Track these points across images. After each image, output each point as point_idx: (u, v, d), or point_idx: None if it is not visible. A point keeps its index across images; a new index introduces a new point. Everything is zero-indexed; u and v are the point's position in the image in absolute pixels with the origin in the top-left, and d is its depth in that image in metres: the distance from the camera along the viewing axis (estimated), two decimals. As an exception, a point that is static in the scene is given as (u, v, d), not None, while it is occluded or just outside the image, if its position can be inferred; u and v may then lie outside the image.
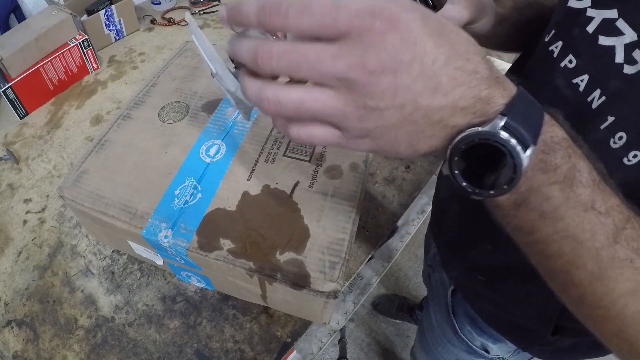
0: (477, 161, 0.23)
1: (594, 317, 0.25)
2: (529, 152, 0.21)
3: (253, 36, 0.31)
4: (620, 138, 0.27)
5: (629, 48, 0.27)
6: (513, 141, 0.21)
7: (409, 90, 0.20)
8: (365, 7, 0.20)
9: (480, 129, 0.21)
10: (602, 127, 0.29)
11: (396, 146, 0.23)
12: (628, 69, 0.27)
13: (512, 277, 0.42)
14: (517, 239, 0.26)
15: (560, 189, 0.22)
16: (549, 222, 0.23)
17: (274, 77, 0.24)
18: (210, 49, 0.33)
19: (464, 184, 0.23)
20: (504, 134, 0.21)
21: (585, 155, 0.23)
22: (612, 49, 0.28)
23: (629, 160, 0.27)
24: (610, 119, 0.28)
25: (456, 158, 0.22)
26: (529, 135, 0.21)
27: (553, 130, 0.23)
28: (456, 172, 0.23)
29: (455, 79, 0.21)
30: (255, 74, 0.24)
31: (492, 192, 0.22)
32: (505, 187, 0.22)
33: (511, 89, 0.22)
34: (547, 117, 0.23)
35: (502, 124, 0.21)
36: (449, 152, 0.22)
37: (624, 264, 0.23)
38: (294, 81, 0.24)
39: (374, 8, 0.20)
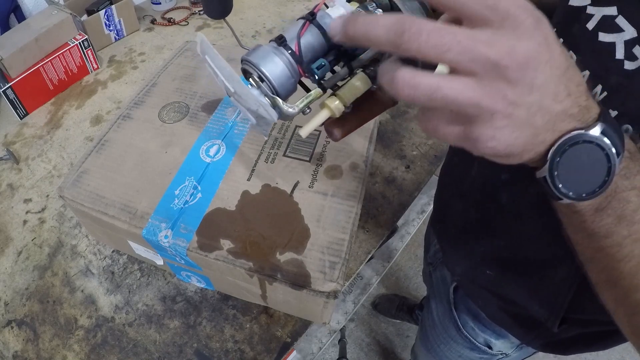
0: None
1: None
2: (620, 157, 0.23)
3: (268, 51, 0.30)
4: (627, 130, 0.28)
5: (629, 44, 0.28)
6: (611, 145, 0.23)
7: (541, 89, 0.21)
8: (520, 2, 0.21)
9: (584, 131, 0.23)
10: None
11: (513, 147, 0.23)
12: (629, 65, 0.28)
13: (524, 270, 0.43)
14: (588, 245, 0.27)
15: (638, 195, 0.24)
16: (624, 225, 0.24)
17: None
18: (228, 68, 0.32)
19: (560, 185, 0.24)
20: (604, 138, 0.23)
21: None
22: (612, 45, 0.29)
23: None
24: (614, 113, 0.29)
25: (558, 159, 0.23)
26: (619, 141, 0.23)
27: (630, 142, 0.25)
28: (556, 173, 0.24)
29: (568, 88, 0.22)
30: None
31: (584, 195, 0.24)
32: (597, 189, 0.23)
33: (597, 102, 0.24)
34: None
35: (600, 129, 0.23)
36: (552, 152, 0.23)
37: None
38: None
39: (527, 5, 0.21)
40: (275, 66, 0.31)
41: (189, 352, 0.51)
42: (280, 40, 0.32)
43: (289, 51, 0.31)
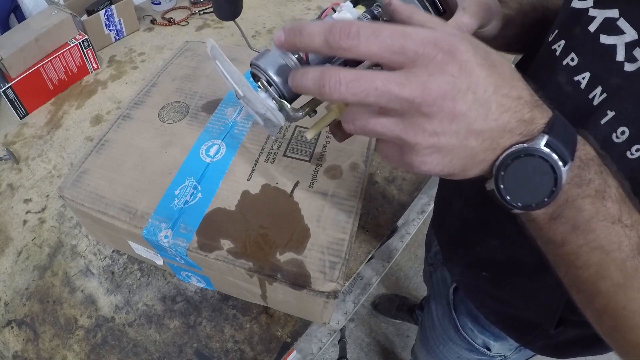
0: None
1: (616, 327, 0.26)
2: (567, 166, 0.23)
3: (276, 56, 0.31)
4: (623, 133, 0.28)
5: (630, 47, 0.28)
6: (555, 156, 0.23)
7: (465, 116, 0.22)
8: (430, 38, 0.22)
9: (526, 144, 0.23)
10: (602, 122, 0.30)
11: (450, 168, 0.24)
12: (628, 67, 0.28)
13: (518, 271, 0.43)
14: (548, 251, 0.27)
15: (592, 203, 0.24)
16: (580, 234, 0.24)
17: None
18: (237, 73, 0.33)
19: (508, 197, 0.24)
20: (546, 150, 0.23)
21: (613, 173, 0.25)
22: (613, 47, 0.29)
23: (631, 154, 0.28)
24: (610, 113, 0.29)
25: (502, 173, 0.24)
26: (568, 151, 0.23)
27: (586, 149, 0.25)
28: (502, 186, 0.24)
29: (503, 105, 0.23)
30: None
31: (533, 206, 0.24)
32: (545, 199, 0.24)
33: (549, 110, 0.24)
34: (580, 137, 0.25)
35: (544, 141, 0.23)
36: (496, 166, 0.24)
37: None
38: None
39: (437, 39, 0.22)
40: (283, 71, 0.32)
41: (189, 352, 0.51)
42: None
43: (297, 56, 0.32)
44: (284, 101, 0.32)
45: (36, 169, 0.70)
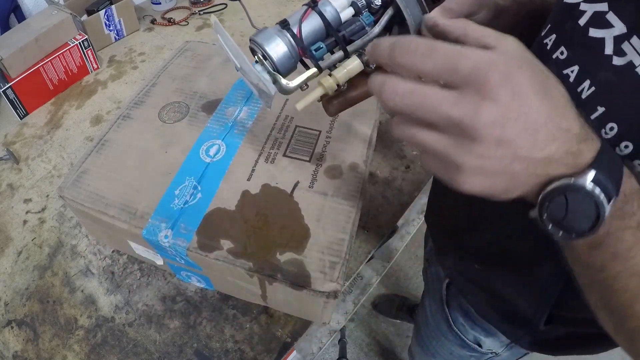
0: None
1: None
2: (612, 202, 0.23)
3: (272, 33, 0.35)
4: (612, 129, 0.29)
5: (618, 40, 0.28)
6: (600, 193, 0.23)
7: (511, 143, 0.22)
8: (485, 59, 0.22)
9: (572, 180, 0.23)
10: (592, 117, 0.30)
11: (492, 190, 0.25)
12: (617, 61, 0.28)
13: (510, 264, 0.43)
14: (585, 275, 0.28)
15: (633, 234, 0.24)
16: (619, 261, 0.25)
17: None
18: (235, 46, 0.36)
19: (550, 227, 0.25)
20: (591, 186, 0.23)
21: None
22: (601, 40, 0.29)
23: (620, 151, 0.28)
24: (601, 109, 0.29)
25: (547, 204, 0.24)
26: (613, 187, 0.23)
27: (631, 182, 0.25)
28: (545, 216, 0.24)
29: (552, 135, 0.23)
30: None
31: (574, 236, 0.24)
32: (587, 232, 0.24)
33: (597, 143, 0.24)
34: (625, 169, 0.25)
35: (591, 177, 0.23)
36: (540, 198, 0.24)
37: None
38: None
39: (492, 60, 0.22)
40: (277, 46, 0.35)
41: (189, 352, 0.51)
42: (284, 24, 0.36)
43: (291, 34, 0.35)
44: (277, 74, 0.35)
45: (36, 169, 0.70)
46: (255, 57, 0.36)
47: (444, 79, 0.23)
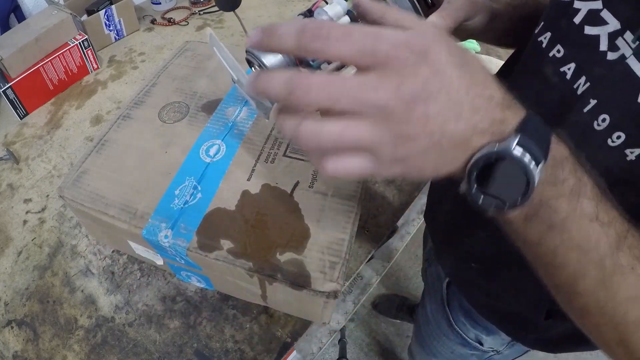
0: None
1: (598, 325, 0.26)
2: (540, 166, 0.23)
3: (254, 58, 0.33)
4: (604, 120, 0.29)
5: (612, 36, 0.29)
6: (527, 156, 0.22)
7: (438, 117, 0.22)
8: (402, 39, 0.22)
9: (497, 145, 0.23)
10: (585, 110, 0.30)
11: (423, 170, 0.24)
12: (611, 56, 0.29)
13: (507, 264, 0.43)
14: (526, 252, 0.27)
15: (568, 202, 0.24)
16: (556, 233, 0.24)
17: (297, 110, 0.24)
18: (232, 59, 0.36)
19: (482, 200, 0.24)
20: (518, 150, 0.22)
21: (588, 171, 0.25)
22: (596, 38, 0.29)
23: (612, 142, 0.29)
24: (593, 101, 0.29)
25: (474, 174, 0.23)
26: (540, 151, 0.23)
27: (560, 148, 0.24)
28: (474, 189, 0.24)
29: (475, 105, 0.22)
30: (285, 109, 0.24)
31: (507, 206, 0.24)
32: (518, 200, 0.23)
33: (522, 110, 0.24)
34: (553, 136, 0.24)
35: (516, 141, 0.22)
36: (467, 169, 0.23)
37: (625, 271, 0.24)
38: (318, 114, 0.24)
39: (409, 40, 0.22)
40: (274, 57, 0.34)
41: (189, 352, 0.51)
42: None
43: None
44: None
45: (36, 169, 0.70)
46: (252, 68, 0.35)
47: (360, 62, 0.22)
